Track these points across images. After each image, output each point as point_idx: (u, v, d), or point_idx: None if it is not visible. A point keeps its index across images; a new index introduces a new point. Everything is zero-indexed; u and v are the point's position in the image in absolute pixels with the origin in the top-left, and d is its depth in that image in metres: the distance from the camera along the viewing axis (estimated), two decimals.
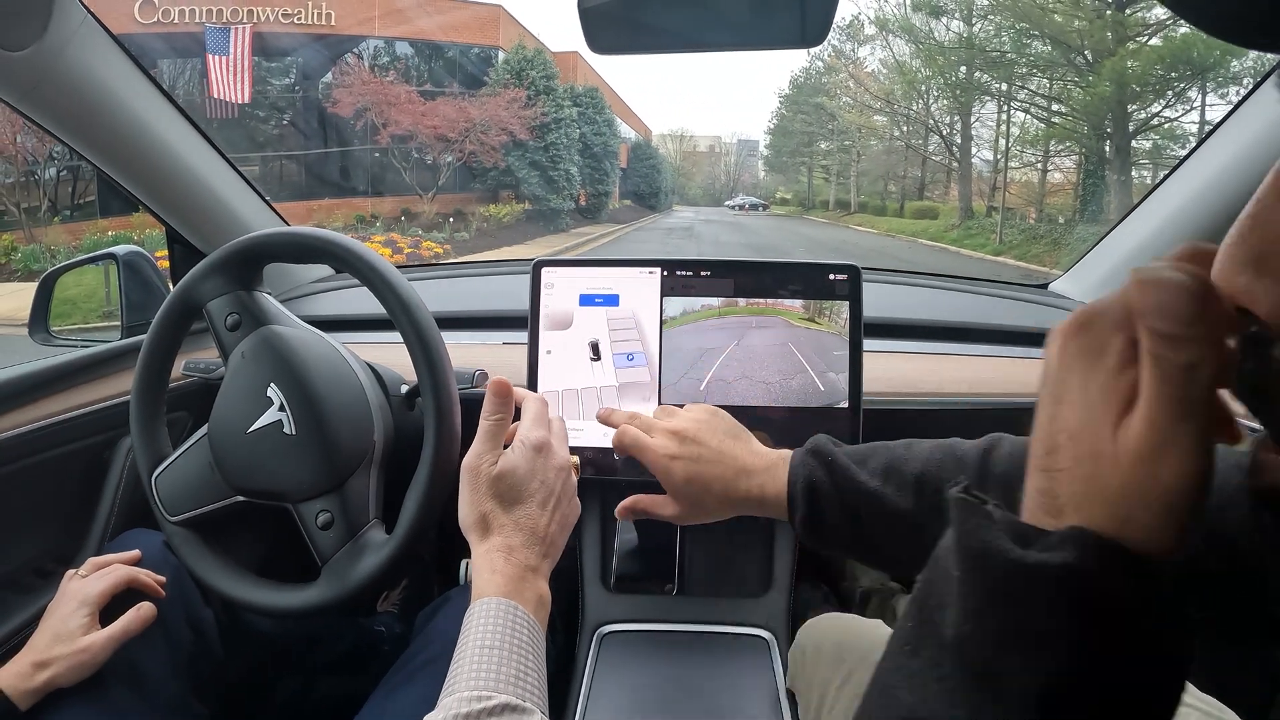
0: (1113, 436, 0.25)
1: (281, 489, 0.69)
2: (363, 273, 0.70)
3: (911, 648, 0.28)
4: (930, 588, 0.29)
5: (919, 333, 1.10)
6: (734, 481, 0.58)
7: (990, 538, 0.26)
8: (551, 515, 0.55)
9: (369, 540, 0.68)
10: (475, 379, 0.85)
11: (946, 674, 0.26)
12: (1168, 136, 13.56)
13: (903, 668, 0.28)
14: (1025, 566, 0.24)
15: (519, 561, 0.51)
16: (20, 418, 0.81)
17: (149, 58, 13.09)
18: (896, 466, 0.54)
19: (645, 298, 0.87)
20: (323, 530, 0.68)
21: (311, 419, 0.69)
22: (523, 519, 0.53)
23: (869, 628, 0.75)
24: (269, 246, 0.73)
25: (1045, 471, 0.27)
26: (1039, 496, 0.27)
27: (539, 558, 0.53)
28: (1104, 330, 0.27)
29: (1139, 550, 0.24)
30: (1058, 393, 0.27)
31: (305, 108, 15.13)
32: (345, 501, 0.68)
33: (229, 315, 0.73)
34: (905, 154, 24.65)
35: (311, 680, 1.00)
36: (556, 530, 0.55)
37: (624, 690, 0.81)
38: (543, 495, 0.55)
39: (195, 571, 0.71)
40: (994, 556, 0.25)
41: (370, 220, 13.97)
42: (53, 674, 0.62)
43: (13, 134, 10.19)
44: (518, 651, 0.47)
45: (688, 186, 52.53)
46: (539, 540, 0.53)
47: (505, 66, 15.17)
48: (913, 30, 18.81)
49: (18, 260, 10.06)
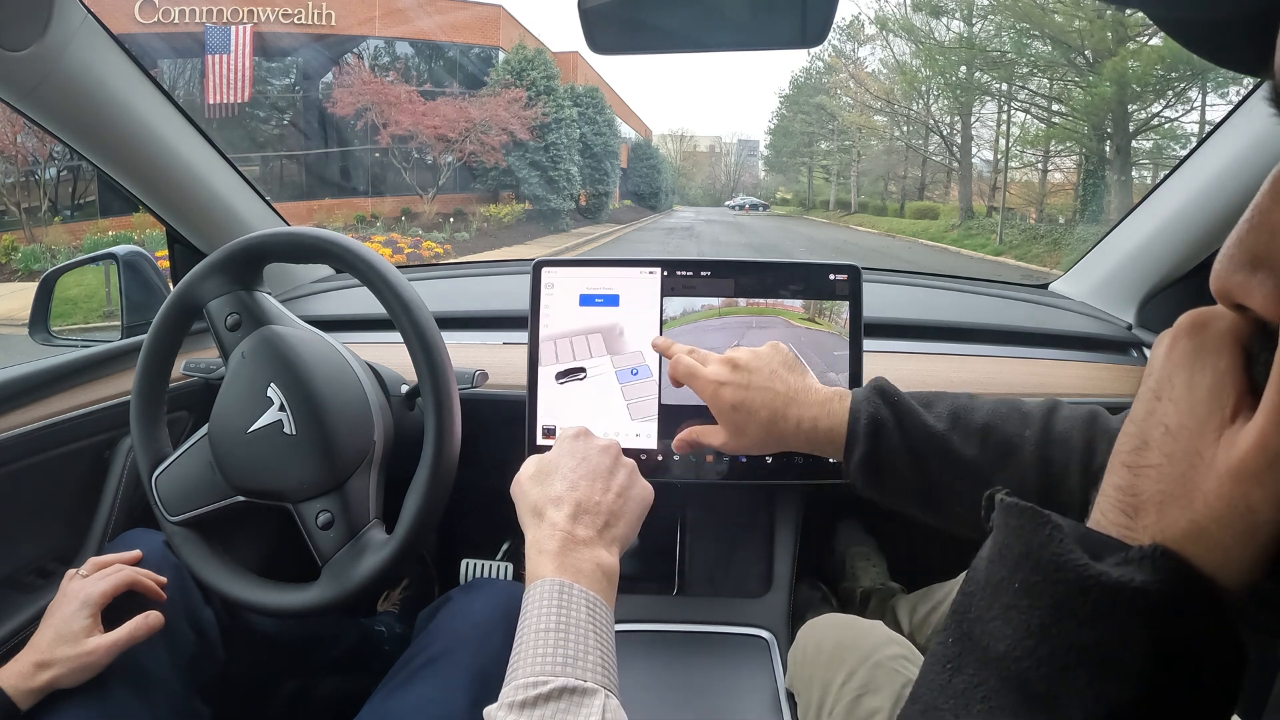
0: (1215, 441, 0.24)
1: (282, 489, 0.69)
2: (363, 272, 0.70)
3: (954, 666, 0.27)
4: (970, 600, 0.27)
5: (919, 333, 1.10)
6: (783, 410, 0.57)
7: (1062, 550, 0.24)
8: (606, 487, 0.53)
9: (369, 540, 0.68)
10: (475, 379, 0.85)
11: (993, 693, 0.25)
12: (1168, 136, 13.56)
13: (945, 688, 0.27)
14: (1103, 584, 0.23)
15: (564, 534, 0.50)
16: (21, 418, 0.81)
17: (150, 58, 13.09)
18: (963, 414, 0.53)
19: (645, 298, 0.87)
20: (323, 530, 0.68)
21: (312, 419, 0.69)
22: (566, 494, 0.52)
23: (869, 628, 0.75)
24: (270, 246, 0.73)
25: (1130, 468, 0.26)
26: (1116, 494, 0.26)
27: (594, 530, 0.51)
28: (1222, 334, 0.25)
29: (1208, 571, 0.23)
30: (1159, 389, 0.26)
31: (306, 108, 15.13)
32: (345, 501, 0.68)
33: (229, 315, 0.73)
34: (905, 154, 24.64)
35: (313, 680, 1.00)
36: (615, 501, 0.53)
37: (624, 691, 0.81)
38: (587, 469, 0.54)
39: (196, 571, 0.71)
40: (1066, 570, 0.24)
41: (371, 220, 13.97)
42: (54, 674, 0.62)
43: (13, 134, 10.19)
44: (575, 630, 0.45)
45: (688, 187, 52.52)
46: (589, 512, 0.51)
47: (506, 66, 15.17)
48: (913, 30, 18.80)
49: (18, 260, 10.06)
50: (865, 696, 0.66)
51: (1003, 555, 0.26)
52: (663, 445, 0.86)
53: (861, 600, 1.16)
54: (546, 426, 0.87)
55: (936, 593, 0.95)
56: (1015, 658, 0.24)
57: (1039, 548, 0.25)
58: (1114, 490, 0.26)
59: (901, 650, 0.71)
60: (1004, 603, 0.25)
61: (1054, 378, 1.01)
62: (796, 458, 0.86)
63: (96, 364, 0.91)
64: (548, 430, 0.87)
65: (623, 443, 0.86)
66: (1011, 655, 0.24)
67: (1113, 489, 0.26)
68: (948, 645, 0.28)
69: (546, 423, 0.87)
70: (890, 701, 0.64)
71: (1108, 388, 1.01)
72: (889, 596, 1.13)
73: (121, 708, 0.66)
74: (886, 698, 0.65)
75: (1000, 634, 0.25)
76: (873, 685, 0.67)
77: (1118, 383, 1.02)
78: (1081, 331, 1.11)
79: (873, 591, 1.16)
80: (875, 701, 0.65)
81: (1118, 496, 0.26)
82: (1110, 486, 0.26)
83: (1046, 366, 1.04)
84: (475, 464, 0.81)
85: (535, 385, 0.87)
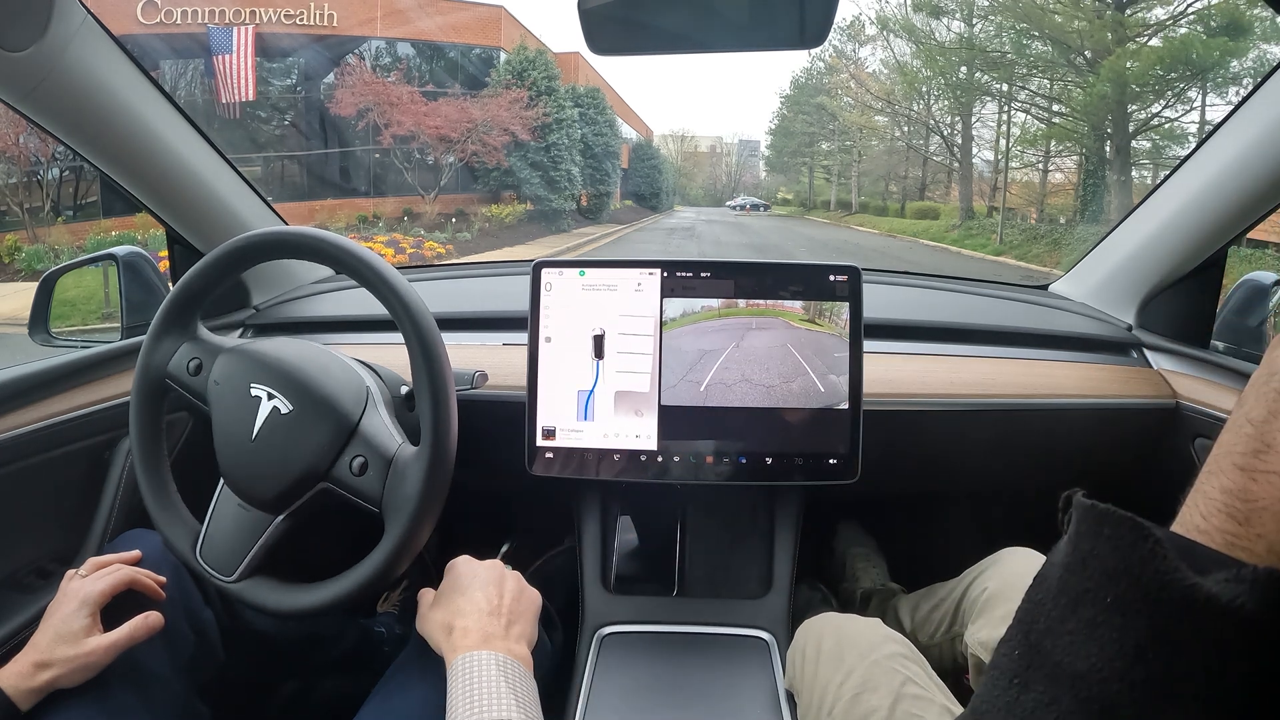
0: None
1: (309, 464, 0.68)
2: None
3: (1021, 681, 0.25)
4: (1040, 610, 0.25)
5: (919, 334, 1.10)
6: None
7: (1166, 568, 0.22)
8: (500, 593, 0.63)
9: (405, 459, 0.68)
10: (475, 380, 0.85)
11: (1067, 714, 0.23)
12: (1168, 137, 13.54)
13: (1012, 706, 0.25)
14: (1210, 607, 0.21)
15: (479, 632, 0.58)
16: (21, 418, 0.81)
17: (152, 58, 13.10)
18: None
19: (645, 299, 0.87)
20: (360, 476, 0.68)
21: (299, 388, 0.70)
22: (468, 606, 0.61)
23: (867, 627, 0.75)
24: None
25: (1245, 471, 0.24)
26: (1225, 498, 0.24)
27: (501, 628, 0.59)
28: None
29: None
30: None
31: (308, 108, 15.13)
32: (368, 438, 0.69)
33: (189, 362, 0.75)
34: (906, 154, 24.62)
35: (313, 681, 1.01)
36: (513, 604, 0.63)
37: (624, 692, 0.81)
38: (480, 584, 0.63)
39: (274, 609, 0.70)
40: (1170, 589, 0.22)
41: (373, 220, 13.97)
42: (54, 674, 0.62)
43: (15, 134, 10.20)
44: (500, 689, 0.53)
45: (689, 187, 52.50)
46: (494, 615, 0.60)
47: (507, 67, 15.16)
48: (914, 31, 18.78)
49: (21, 260, 10.08)
50: (864, 695, 0.66)
51: (1087, 565, 0.24)
52: (663, 445, 0.86)
53: (862, 601, 1.15)
54: (546, 427, 0.87)
55: (937, 593, 0.95)
56: (1101, 679, 0.22)
57: (1139, 563, 0.23)
58: (1221, 494, 0.24)
59: (900, 648, 0.71)
60: (1087, 617, 0.23)
61: (1054, 379, 1.01)
62: (796, 458, 0.86)
63: (96, 365, 0.91)
64: (547, 431, 0.87)
65: (623, 443, 0.86)
66: (1096, 676, 0.22)
67: (1219, 492, 0.24)
68: (1013, 658, 0.26)
69: (546, 424, 0.87)
70: (889, 700, 0.64)
71: (1108, 389, 1.01)
72: (889, 597, 1.12)
73: (121, 708, 0.66)
74: (885, 696, 0.65)
75: (1081, 651, 0.23)
76: (871, 684, 0.66)
77: (1118, 384, 1.02)
78: (1082, 332, 1.11)
79: (873, 592, 1.16)
80: (874, 700, 0.65)
81: (1225, 500, 0.24)
82: (1216, 489, 0.24)
83: (1047, 367, 1.04)
84: (475, 465, 0.81)
85: (535, 386, 0.87)
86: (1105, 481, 1.10)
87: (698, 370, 0.86)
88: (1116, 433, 1.02)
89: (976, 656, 0.78)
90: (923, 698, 0.65)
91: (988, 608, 0.79)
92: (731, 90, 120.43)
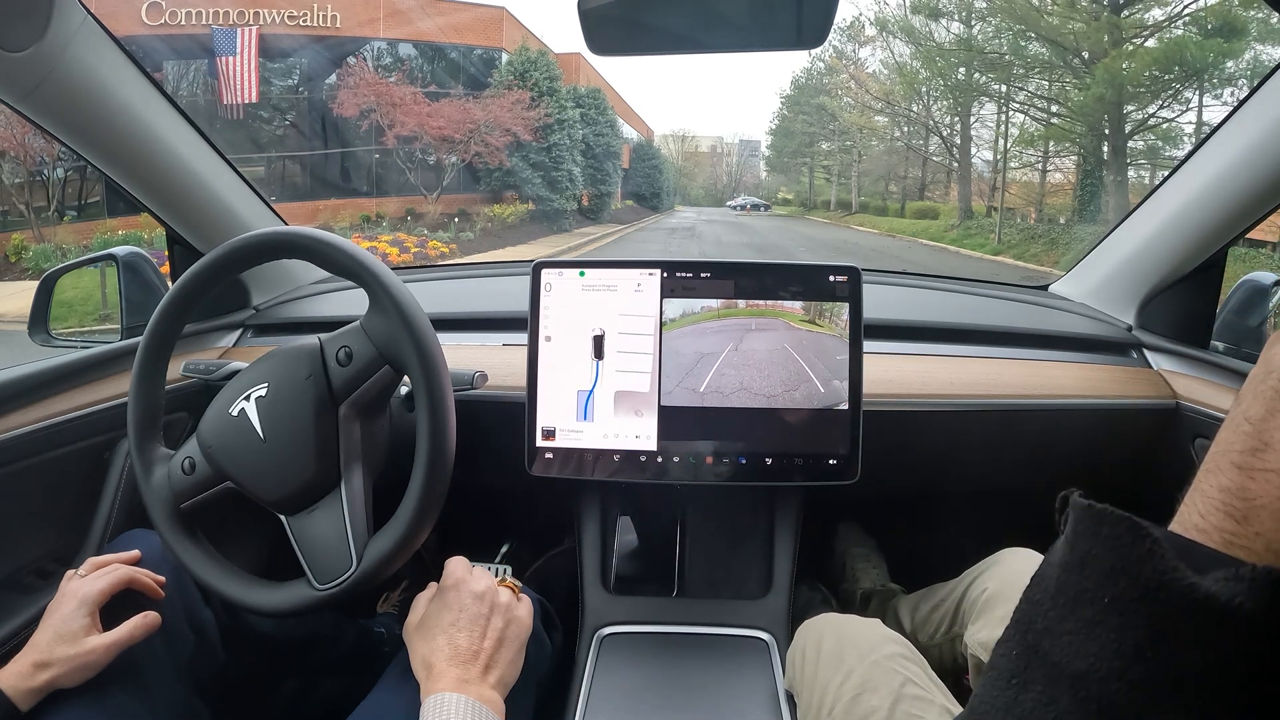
0: None
1: (318, 397, 0.69)
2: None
3: (1019, 681, 0.25)
4: (1038, 610, 0.25)
5: (919, 334, 1.10)
6: None
7: (1164, 567, 0.22)
8: (483, 633, 0.62)
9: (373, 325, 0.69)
10: (475, 380, 0.85)
11: (1066, 713, 0.23)
12: (1164, 137, 13.56)
13: (1010, 707, 0.25)
14: (1209, 606, 0.21)
15: (454, 679, 0.58)
16: (21, 419, 0.81)
17: (156, 59, 13.13)
18: None
19: (645, 299, 0.87)
20: (344, 366, 0.69)
21: (256, 368, 0.71)
22: (447, 646, 0.60)
23: (867, 628, 0.75)
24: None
25: (1243, 470, 0.23)
26: (1223, 496, 0.24)
27: (477, 673, 0.59)
28: None
29: None
30: None
31: (310, 109, 15.15)
32: (345, 333, 0.70)
33: (184, 462, 0.73)
34: (906, 154, 24.62)
35: (312, 681, 1.00)
36: (493, 646, 0.62)
37: (624, 692, 0.81)
38: (465, 619, 0.62)
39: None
40: (1169, 589, 0.22)
41: (376, 220, 13.99)
42: (54, 674, 0.62)
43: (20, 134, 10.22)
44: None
45: (690, 187, 52.51)
46: (470, 661, 0.60)
47: (508, 68, 15.17)
48: (912, 32, 18.79)
49: (29, 259, 10.13)
50: (864, 695, 0.66)
51: (1085, 565, 0.24)
52: (662, 446, 0.86)
53: (862, 601, 1.15)
54: (546, 428, 0.87)
55: (937, 593, 0.95)
56: (1100, 679, 0.22)
57: (1137, 563, 0.22)
58: (1219, 492, 0.24)
59: (899, 649, 0.71)
60: (1086, 617, 0.23)
61: (1054, 379, 1.01)
62: (796, 459, 0.86)
63: (96, 365, 0.91)
64: (547, 431, 0.87)
65: (622, 444, 0.86)
66: (1095, 675, 0.22)
67: (1218, 491, 0.24)
68: (1011, 658, 0.26)
69: (546, 424, 0.87)
70: (889, 700, 0.64)
71: (1108, 389, 1.01)
72: (889, 598, 1.12)
73: (121, 708, 0.66)
74: (885, 696, 0.65)
75: (1080, 651, 0.23)
76: (871, 684, 0.66)
77: (1118, 384, 1.01)
78: (1081, 333, 1.11)
79: (873, 593, 1.16)
80: (874, 700, 0.65)
81: (1224, 499, 0.24)
82: (1214, 488, 0.24)
83: (1047, 368, 1.04)
84: (475, 465, 0.81)
85: (535, 386, 0.87)
86: (1105, 482, 1.10)
87: (696, 373, 0.86)
88: (1116, 433, 1.02)
89: (976, 657, 0.77)
90: (922, 698, 0.65)
91: (988, 608, 0.79)
92: (732, 90, 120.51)
